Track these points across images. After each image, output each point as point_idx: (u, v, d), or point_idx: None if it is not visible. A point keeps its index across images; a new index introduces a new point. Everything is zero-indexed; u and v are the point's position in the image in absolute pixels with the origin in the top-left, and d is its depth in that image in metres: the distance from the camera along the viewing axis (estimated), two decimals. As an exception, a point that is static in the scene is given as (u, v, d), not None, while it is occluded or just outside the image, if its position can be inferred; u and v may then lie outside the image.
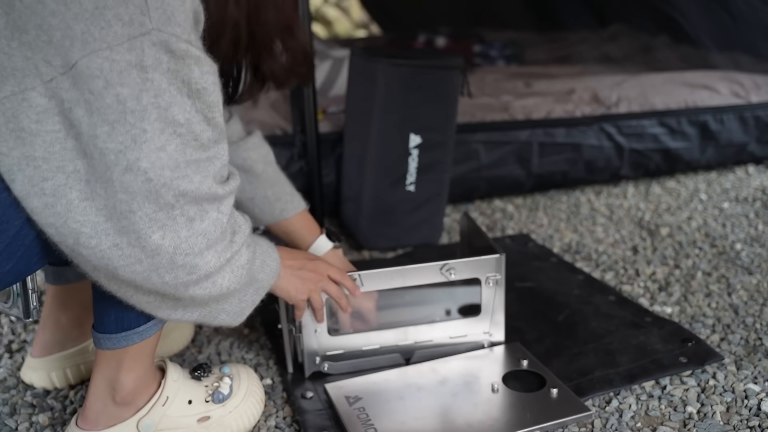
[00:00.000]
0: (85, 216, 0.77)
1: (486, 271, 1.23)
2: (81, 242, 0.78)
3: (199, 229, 0.81)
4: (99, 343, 0.98)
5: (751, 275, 1.60)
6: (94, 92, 0.72)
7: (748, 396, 1.16)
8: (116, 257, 0.79)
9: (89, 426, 1.00)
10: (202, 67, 0.78)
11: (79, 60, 0.71)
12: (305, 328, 1.17)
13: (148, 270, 0.80)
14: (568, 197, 2.21)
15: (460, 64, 1.72)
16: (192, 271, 0.82)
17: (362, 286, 1.18)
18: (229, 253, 0.87)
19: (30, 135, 0.75)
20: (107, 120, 0.73)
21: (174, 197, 0.78)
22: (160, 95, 0.75)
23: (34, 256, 0.84)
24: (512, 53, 3.26)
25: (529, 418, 1.08)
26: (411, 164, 1.74)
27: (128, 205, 0.76)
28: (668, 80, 2.44)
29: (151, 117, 0.74)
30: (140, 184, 0.76)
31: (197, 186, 0.80)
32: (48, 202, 0.76)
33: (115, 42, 0.71)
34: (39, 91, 0.73)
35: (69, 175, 0.76)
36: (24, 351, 1.35)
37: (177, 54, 0.75)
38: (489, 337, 1.28)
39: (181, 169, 0.78)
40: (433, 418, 1.09)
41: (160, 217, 0.78)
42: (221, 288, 0.88)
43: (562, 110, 2.20)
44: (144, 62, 0.73)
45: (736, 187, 2.27)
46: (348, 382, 1.19)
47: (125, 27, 0.71)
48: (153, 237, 0.78)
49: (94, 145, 0.74)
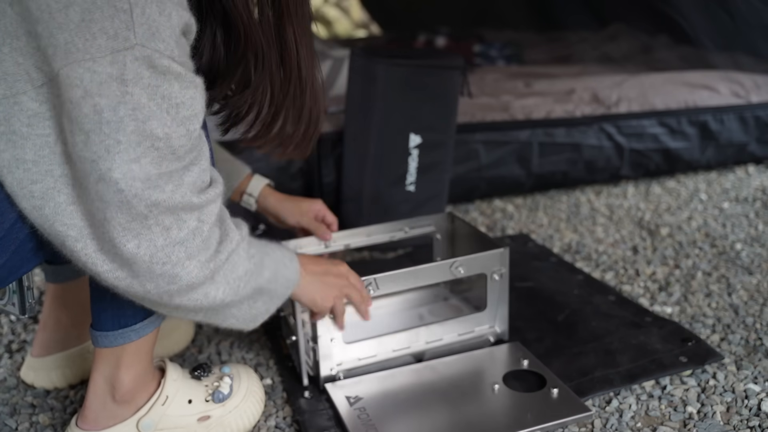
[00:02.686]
0: (71, 219, 0.78)
1: (492, 265, 1.24)
2: (67, 245, 0.78)
3: (176, 238, 0.80)
4: (97, 342, 0.98)
5: (752, 275, 1.61)
6: (72, 101, 0.73)
7: (748, 396, 1.16)
8: (99, 262, 0.79)
9: (89, 426, 1.00)
10: (182, 82, 0.78)
11: (61, 69, 0.72)
12: (321, 338, 1.16)
13: (129, 277, 0.80)
14: (568, 197, 2.21)
15: (460, 64, 1.72)
16: (173, 281, 0.81)
17: (378, 289, 1.17)
18: (214, 264, 0.84)
19: (21, 138, 0.75)
20: (83, 129, 0.73)
21: (146, 207, 0.77)
22: (139, 109, 0.74)
23: (29, 251, 0.84)
24: (512, 53, 3.25)
25: (530, 418, 1.08)
26: (411, 164, 1.74)
27: (103, 213, 0.76)
28: (668, 80, 2.44)
29: (127, 129, 0.74)
30: (112, 194, 0.75)
31: (169, 196, 0.78)
32: (36, 204, 0.77)
33: (99, 54, 0.72)
34: (30, 95, 0.74)
35: (57, 179, 0.77)
36: (24, 351, 1.35)
37: (159, 69, 0.75)
38: (494, 332, 1.28)
39: (153, 180, 0.77)
40: (434, 418, 1.09)
41: (133, 226, 0.77)
42: (215, 300, 0.86)
43: (562, 110, 2.20)
44: (125, 76, 0.73)
45: (736, 187, 2.27)
46: (348, 382, 1.19)
47: (110, 41, 0.72)
48: (128, 246, 0.78)
49: (73, 152, 0.75)
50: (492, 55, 3.23)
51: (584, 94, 2.33)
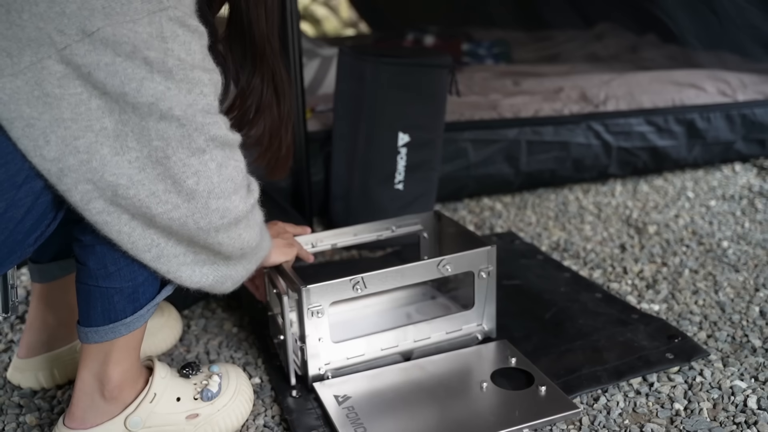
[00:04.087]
0: (119, 169, 0.83)
1: (479, 263, 1.24)
2: (119, 194, 0.83)
3: (225, 174, 0.89)
4: (86, 338, 0.97)
5: (738, 273, 1.62)
6: (121, 55, 0.79)
7: (734, 392, 1.17)
8: (154, 204, 0.85)
9: (77, 424, 1.00)
10: (205, 38, 0.88)
11: (103, 27, 0.78)
12: (309, 337, 1.16)
13: (185, 216, 0.87)
14: (556, 195, 2.22)
15: (448, 62, 1.72)
16: (224, 215, 0.90)
17: (365, 288, 1.17)
18: (252, 200, 0.96)
19: (55, 99, 0.79)
20: (135, 77, 0.80)
21: (205, 141, 0.86)
22: (182, 60, 0.83)
23: (19, 243, 0.85)
24: (500, 52, 3.26)
25: (518, 415, 1.08)
26: (399, 163, 1.74)
27: (163, 152, 0.84)
28: (655, 79, 2.45)
29: (177, 77, 0.82)
30: (174, 129, 0.83)
31: (223, 131, 0.89)
32: (83, 158, 0.81)
33: (137, 16, 0.79)
34: (55, 59, 0.78)
35: (97, 133, 0.81)
36: (11, 351, 1.34)
37: (190, 28, 0.84)
38: (482, 330, 1.29)
39: (210, 115, 0.86)
40: (422, 417, 1.09)
41: (192, 162, 0.85)
42: (243, 242, 0.96)
43: (550, 109, 2.21)
44: (164, 33, 0.81)
45: (722, 185, 2.28)
46: (336, 381, 1.19)
47: (144, 3, 0.80)
48: (188, 182, 0.86)
49: (124, 101, 0.81)
50: (480, 54, 3.24)
51: (572, 92, 2.34)
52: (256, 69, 1.12)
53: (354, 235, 1.40)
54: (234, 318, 1.45)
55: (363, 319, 1.37)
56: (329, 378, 1.19)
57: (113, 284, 0.93)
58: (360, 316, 1.39)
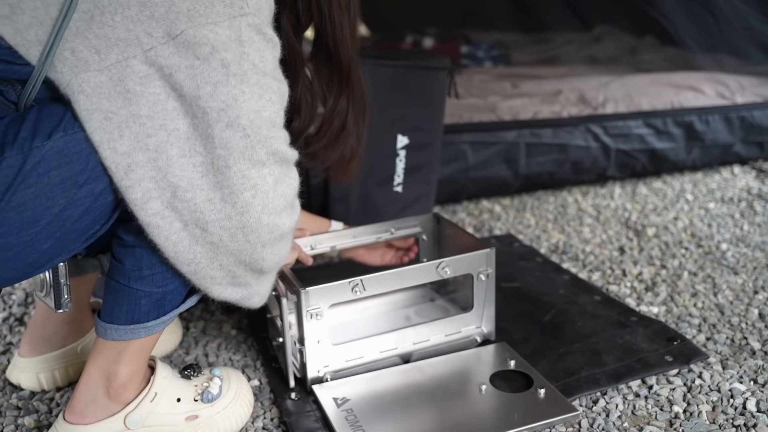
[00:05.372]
0: (182, 171, 0.85)
1: (478, 266, 1.24)
2: (178, 195, 0.85)
3: (280, 190, 0.90)
4: (104, 333, 0.98)
5: (737, 275, 1.62)
6: (200, 57, 0.82)
7: (733, 395, 1.17)
8: (209, 211, 0.87)
9: (76, 418, 1.00)
10: (278, 50, 0.91)
11: (186, 30, 0.81)
12: (307, 340, 1.16)
13: (236, 227, 0.88)
14: (555, 198, 2.22)
15: (447, 65, 1.72)
16: (272, 230, 0.91)
17: (364, 290, 1.17)
18: (296, 217, 0.96)
19: (135, 96, 0.82)
20: (210, 81, 0.83)
21: (266, 155, 0.87)
22: (256, 65, 0.85)
23: (73, 241, 0.87)
24: (499, 54, 3.26)
25: (517, 418, 1.08)
26: (398, 165, 1.74)
27: (225, 161, 0.85)
28: (654, 81, 2.45)
29: (250, 81, 0.85)
30: (238, 139, 0.85)
31: (285, 148, 0.90)
32: (151, 156, 0.84)
33: (219, 19, 0.83)
34: (140, 59, 0.82)
35: (170, 133, 0.84)
36: (9, 353, 1.34)
37: (266, 36, 0.87)
38: (481, 332, 1.29)
39: (275, 129, 0.88)
40: (421, 419, 1.09)
41: (252, 174, 0.87)
42: (281, 257, 0.96)
43: (549, 111, 2.21)
44: (242, 38, 0.84)
45: (721, 187, 2.29)
46: (335, 383, 1.19)
47: (226, 8, 0.83)
48: (245, 194, 0.87)
49: (197, 105, 0.83)
50: (479, 56, 3.24)
51: (571, 95, 2.34)
52: (342, 90, 1.15)
53: (353, 237, 1.40)
54: (233, 320, 1.45)
55: (362, 322, 1.37)
56: (328, 380, 1.19)
57: (144, 287, 0.94)
58: (359, 318, 1.39)
